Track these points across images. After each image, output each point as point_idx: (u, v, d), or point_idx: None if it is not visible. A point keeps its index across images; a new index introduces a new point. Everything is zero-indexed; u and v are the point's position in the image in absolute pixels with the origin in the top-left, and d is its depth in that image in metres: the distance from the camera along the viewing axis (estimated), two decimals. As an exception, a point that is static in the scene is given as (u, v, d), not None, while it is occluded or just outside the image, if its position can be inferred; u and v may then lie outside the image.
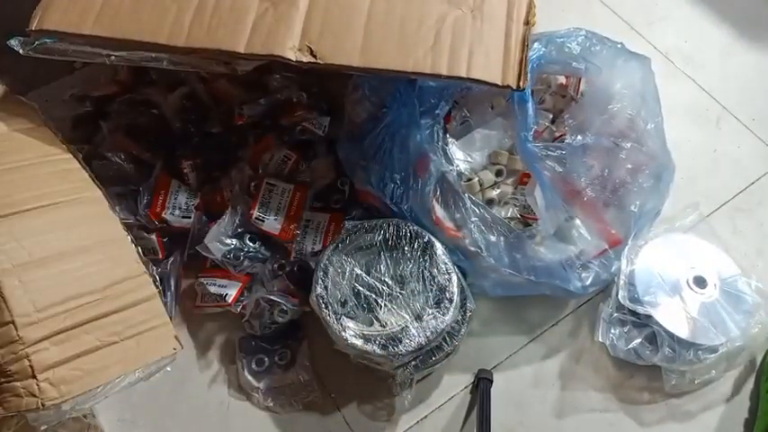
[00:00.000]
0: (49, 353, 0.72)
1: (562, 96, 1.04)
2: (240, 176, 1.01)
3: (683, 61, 1.23)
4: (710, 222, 1.06)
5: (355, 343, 0.84)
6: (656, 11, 1.29)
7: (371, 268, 0.89)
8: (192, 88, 1.08)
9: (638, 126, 0.95)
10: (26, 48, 0.85)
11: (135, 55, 0.85)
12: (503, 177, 1.01)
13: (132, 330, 0.78)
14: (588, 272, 0.92)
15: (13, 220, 0.78)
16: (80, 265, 0.78)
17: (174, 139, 1.06)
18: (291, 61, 0.84)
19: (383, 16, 0.87)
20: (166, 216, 0.99)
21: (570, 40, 0.96)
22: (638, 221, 0.95)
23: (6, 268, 0.74)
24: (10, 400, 0.70)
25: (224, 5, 0.86)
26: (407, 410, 0.94)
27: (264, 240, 1.00)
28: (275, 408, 0.94)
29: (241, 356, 0.96)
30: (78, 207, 0.83)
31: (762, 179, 1.12)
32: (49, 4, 0.86)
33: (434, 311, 0.86)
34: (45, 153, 0.86)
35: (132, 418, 0.95)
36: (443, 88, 0.94)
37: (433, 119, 0.93)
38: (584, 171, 0.92)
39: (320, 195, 1.04)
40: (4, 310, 0.71)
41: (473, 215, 0.91)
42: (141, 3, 0.86)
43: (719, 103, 1.19)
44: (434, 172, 0.91)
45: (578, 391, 0.96)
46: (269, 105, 1.04)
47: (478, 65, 0.84)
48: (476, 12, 0.88)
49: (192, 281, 1.00)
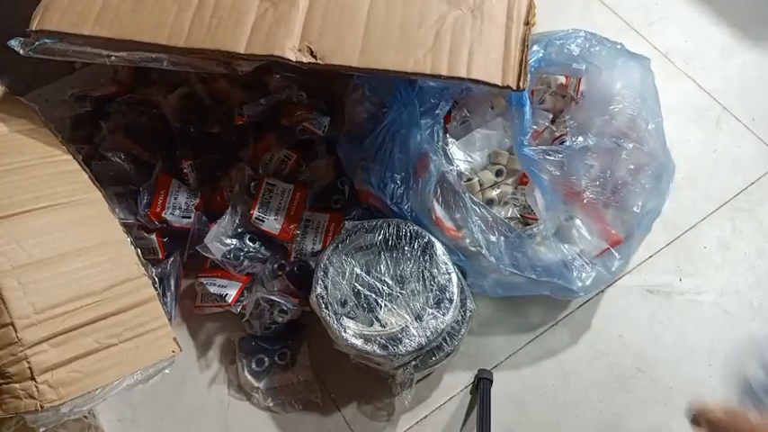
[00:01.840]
0: (47, 355, 0.72)
1: (562, 96, 1.04)
2: (240, 176, 1.01)
3: (683, 61, 1.23)
4: (710, 222, 1.07)
5: (355, 343, 0.84)
6: (655, 11, 1.29)
7: (371, 268, 0.89)
8: (191, 88, 1.08)
9: (639, 126, 0.95)
10: (26, 48, 0.85)
11: (135, 55, 0.85)
12: (503, 177, 1.01)
13: (131, 333, 0.78)
14: (589, 272, 0.92)
15: (12, 221, 0.78)
16: (79, 266, 0.78)
17: (174, 139, 1.05)
18: (291, 61, 0.84)
19: (383, 16, 0.87)
20: (166, 216, 0.99)
21: (569, 42, 0.96)
22: (639, 222, 0.95)
23: (6, 270, 0.74)
24: (9, 402, 0.70)
25: (224, 5, 0.86)
26: (407, 410, 0.95)
27: (264, 240, 1.00)
28: (275, 408, 0.94)
29: (241, 356, 0.96)
30: (78, 209, 0.83)
31: (762, 179, 1.12)
32: (49, 5, 0.86)
33: (434, 311, 0.86)
34: (45, 154, 0.86)
35: (132, 417, 0.95)
36: (443, 88, 0.94)
37: (433, 119, 0.93)
38: (583, 173, 0.92)
39: (320, 195, 1.04)
40: (3, 312, 0.71)
41: (473, 215, 0.91)
42: (141, 3, 0.86)
43: (719, 103, 1.19)
44: (434, 172, 0.91)
45: (578, 390, 0.96)
46: (269, 105, 1.04)
47: (479, 65, 0.84)
48: (476, 12, 0.88)
49: (192, 281, 1.00)
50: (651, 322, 1.00)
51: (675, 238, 1.06)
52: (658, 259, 1.05)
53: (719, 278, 1.03)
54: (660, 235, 1.06)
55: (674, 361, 0.98)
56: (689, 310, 1.01)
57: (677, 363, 0.98)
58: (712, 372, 0.97)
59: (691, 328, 1.00)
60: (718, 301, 1.02)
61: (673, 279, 1.03)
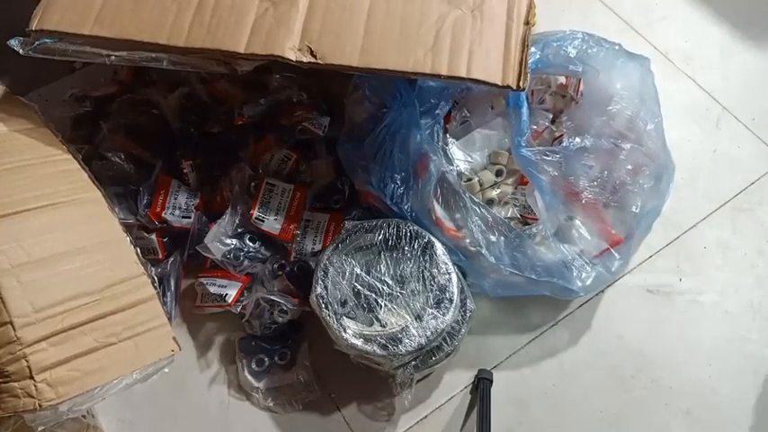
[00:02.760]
0: (46, 353, 0.71)
1: (562, 96, 1.04)
2: (240, 176, 1.01)
3: (683, 61, 1.23)
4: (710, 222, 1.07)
5: (355, 343, 0.84)
6: (655, 11, 1.29)
7: (371, 268, 0.89)
8: (191, 88, 1.08)
9: (638, 127, 0.95)
10: (26, 48, 0.85)
11: (135, 55, 0.85)
12: (503, 177, 1.01)
13: (130, 331, 0.78)
14: (589, 272, 0.92)
15: (12, 220, 0.78)
16: (79, 265, 0.78)
17: (174, 139, 1.05)
18: (291, 61, 0.84)
19: (383, 16, 0.87)
20: (166, 216, 0.99)
21: (566, 44, 0.97)
22: (639, 222, 0.95)
23: (5, 268, 0.74)
24: (7, 401, 0.69)
25: (224, 5, 0.86)
26: (407, 410, 0.94)
27: (264, 240, 1.00)
28: (275, 408, 0.94)
29: (241, 356, 0.96)
30: (77, 208, 0.83)
31: (762, 179, 1.12)
32: (49, 4, 0.86)
33: (434, 311, 0.86)
34: (44, 153, 0.86)
35: (132, 418, 0.95)
36: (443, 88, 0.94)
37: (433, 119, 0.93)
38: (582, 173, 0.92)
39: (320, 195, 1.04)
40: (2, 311, 0.71)
41: (473, 215, 0.91)
42: (141, 3, 0.86)
43: (719, 103, 1.19)
44: (434, 172, 0.91)
45: (578, 390, 0.96)
46: (269, 105, 1.04)
47: (479, 65, 0.84)
48: (476, 12, 0.88)
49: (192, 281, 1.00)
50: (651, 322, 1.00)
51: (675, 238, 1.06)
52: (658, 259, 1.05)
53: (719, 278, 1.03)
54: (660, 235, 1.06)
55: (674, 361, 0.98)
56: (689, 310, 1.01)
57: (677, 363, 0.97)
58: (712, 372, 0.97)
59: (691, 328, 1.00)
60: (718, 301, 1.02)
61: (673, 279, 1.03)
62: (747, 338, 0.99)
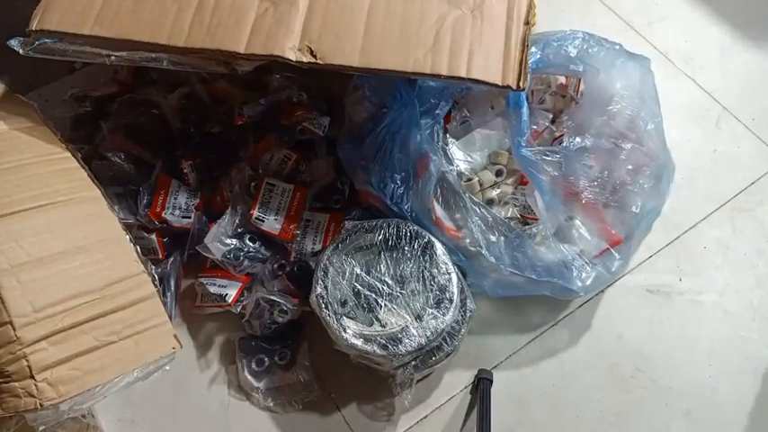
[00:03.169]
0: (47, 353, 0.71)
1: (562, 96, 1.04)
2: (240, 176, 1.01)
3: (683, 61, 1.23)
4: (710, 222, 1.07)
5: (355, 343, 0.84)
6: (655, 11, 1.29)
7: (371, 268, 0.89)
8: (191, 88, 1.08)
9: (638, 126, 0.96)
10: (26, 48, 0.85)
11: (135, 55, 0.85)
12: (503, 177, 1.01)
13: (131, 330, 0.78)
14: (589, 272, 0.92)
15: (11, 219, 0.78)
16: (78, 264, 0.78)
17: (174, 139, 1.06)
18: (291, 61, 0.84)
19: (383, 16, 0.87)
20: (166, 216, 0.99)
21: (567, 43, 0.97)
22: (639, 222, 0.95)
23: (4, 268, 0.74)
24: (8, 401, 0.69)
25: (224, 5, 0.86)
26: (407, 410, 0.94)
27: (264, 240, 1.00)
28: (275, 408, 0.94)
29: (241, 356, 0.96)
30: (77, 206, 0.83)
31: (762, 179, 1.12)
32: (49, 4, 0.86)
33: (434, 311, 0.86)
34: (44, 152, 0.86)
35: (132, 417, 0.95)
36: (443, 88, 0.94)
37: (433, 119, 0.93)
38: (582, 173, 0.93)
39: (320, 195, 1.04)
40: (1, 311, 0.71)
41: (473, 215, 0.91)
42: (141, 3, 0.86)
43: (719, 103, 1.19)
44: (434, 172, 0.91)
45: (578, 390, 0.96)
46: (269, 105, 1.04)
47: (479, 65, 0.84)
48: (476, 12, 0.88)
49: (192, 281, 1.00)
50: (651, 322, 1.00)
51: (675, 238, 1.06)
52: (658, 259, 1.05)
53: (719, 278, 1.03)
54: (660, 235, 1.06)
55: (674, 361, 0.98)
56: (689, 310, 1.01)
57: (677, 363, 0.97)
58: (712, 372, 0.97)
59: (691, 328, 1.00)
60: (718, 301, 1.02)
61: (673, 279, 1.03)
62: (747, 338, 0.99)
